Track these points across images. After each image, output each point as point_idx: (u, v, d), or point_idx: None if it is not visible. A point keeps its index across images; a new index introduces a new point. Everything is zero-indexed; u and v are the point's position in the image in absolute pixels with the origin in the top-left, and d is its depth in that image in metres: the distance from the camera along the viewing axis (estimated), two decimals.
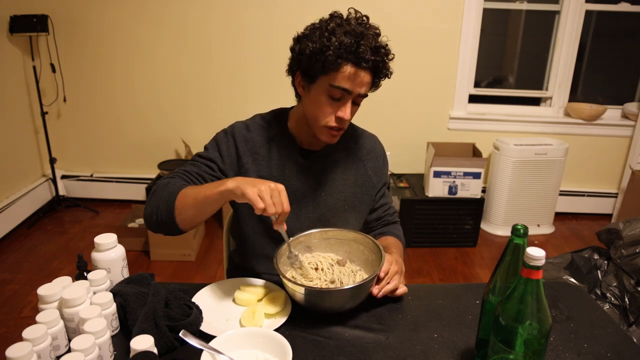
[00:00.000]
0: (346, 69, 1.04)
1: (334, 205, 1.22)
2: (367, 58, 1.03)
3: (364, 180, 1.26)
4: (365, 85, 1.08)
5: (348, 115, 1.09)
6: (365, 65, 1.04)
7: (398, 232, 1.35)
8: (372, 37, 1.05)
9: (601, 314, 1.04)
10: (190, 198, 1.01)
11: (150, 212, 1.07)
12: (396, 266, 1.06)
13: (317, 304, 0.98)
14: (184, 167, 1.17)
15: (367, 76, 1.07)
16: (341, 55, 1.02)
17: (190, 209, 1.02)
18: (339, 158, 1.24)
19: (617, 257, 1.93)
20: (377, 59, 1.05)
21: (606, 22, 3.19)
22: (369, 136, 1.31)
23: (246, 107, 3.14)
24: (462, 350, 0.91)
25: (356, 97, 1.09)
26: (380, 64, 1.07)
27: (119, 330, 0.94)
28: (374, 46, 1.04)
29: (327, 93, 1.07)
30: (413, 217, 2.84)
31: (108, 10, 2.95)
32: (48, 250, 2.74)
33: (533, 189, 2.98)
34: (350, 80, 1.05)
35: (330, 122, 1.10)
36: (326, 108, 1.09)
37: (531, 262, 0.70)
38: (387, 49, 1.09)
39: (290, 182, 1.19)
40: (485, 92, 3.21)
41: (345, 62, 1.04)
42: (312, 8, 2.88)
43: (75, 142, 3.27)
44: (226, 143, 1.18)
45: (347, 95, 1.07)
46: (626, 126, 3.13)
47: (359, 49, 1.02)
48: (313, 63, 1.06)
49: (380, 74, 1.10)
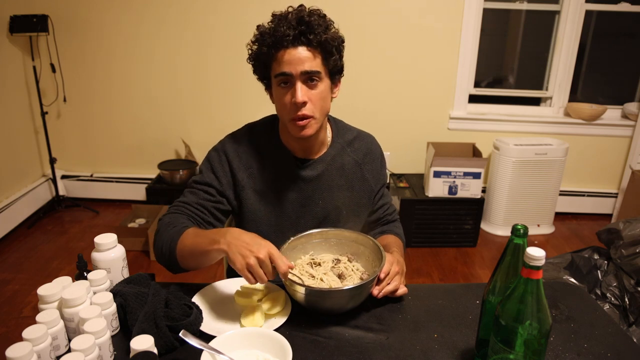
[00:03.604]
0: (279, 56, 1.04)
1: (332, 213, 1.21)
2: (287, 33, 1.02)
3: (361, 184, 1.25)
4: (306, 61, 1.04)
5: (299, 98, 1.04)
6: (290, 41, 1.02)
7: (398, 230, 1.35)
8: (294, 14, 1.04)
9: (601, 314, 1.04)
10: (188, 250, 1.03)
11: (157, 254, 1.10)
12: (397, 267, 1.05)
13: (317, 304, 0.98)
14: (183, 197, 1.16)
15: (302, 51, 1.04)
16: (266, 44, 1.04)
17: (191, 260, 1.04)
18: (335, 164, 1.21)
19: (617, 257, 1.93)
20: (302, 28, 1.02)
21: (606, 22, 3.19)
22: (364, 138, 1.28)
23: (246, 106, 3.14)
24: (462, 350, 0.91)
25: (304, 76, 1.05)
26: (310, 35, 1.03)
27: (119, 330, 0.94)
28: (295, 20, 1.03)
29: (277, 85, 1.08)
30: (413, 217, 2.84)
31: (108, 10, 2.95)
32: (48, 250, 2.74)
33: (533, 189, 2.98)
34: (285, 63, 1.04)
35: (292, 112, 1.08)
36: (283, 99, 1.08)
37: (531, 262, 0.70)
38: (315, 16, 1.05)
39: (287, 193, 1.18)
40: (485, 92, 3.21)
41: (275, 49, 1.04)
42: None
43: (75, 142, 3.27)
44: (219, 162, 1.17)
45: (291, 78, 1.05)
46: (626, 126, 3.13)
47: (277, 30, 1.02)
48: (259, 68, 1.11)
49: (316, 43, 1.05)
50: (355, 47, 2.97)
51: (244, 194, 1.17)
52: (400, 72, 3.05)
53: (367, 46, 2.99)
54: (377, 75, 3.04)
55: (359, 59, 2.98)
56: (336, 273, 1.06)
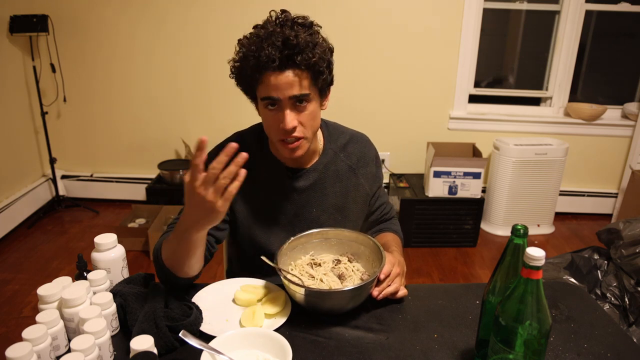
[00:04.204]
0: (265, 78, 0.98)
1: (327, 220, 1.19)
2: (272, 58, 0.95)
3: (356, 189, 1.22)
4: (295, 85, 0.98)
5: (288, 124, 1.00)
6: (277, 65, 0.96)
7: (396, 227, 1.34)
8: (278, 34, 0.95)
9: (601, 314, 1.04)
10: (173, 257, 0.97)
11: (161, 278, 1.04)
12: (398, 268, 1.04)
13: (317, 305, 0.98)
14: (177, 215, 1.11)
15: (289, 75, 0.97)
16: (251, 66, 0.97)
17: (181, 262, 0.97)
18: (328, 171, 1.18)
19: (617, 257, 1.93)
20: (286, 53, 0.95)
21: (606, 22, 3.19)
22: (357, 140, 1.24)
23: (246, 106, 3.13)
24: (462, 351, 0.91)
25: (292, 100, 1.00)
26: (297, 57, 0.96)
27: (119, 330, 0.94)
28: (281, 43, 0.95)
29: (264, 107, 1.03)
30: (413, 217, 2.84)
31: (108, 10, 2.95)
32: (48, 250, 2.74)
33: (533, 189, 2.98)
34: (273, 87, 0.98)
35: (280, 135, 1.03)
36: (272, 122, 1.04)
37: (531, 262, 0.70)
38: (301, 37, 0.96)
39: (280, 204, 1.16)
40: (485, 92, 3.21)
41: (259, 71, 0.97)
42: (310, 8, 2.88)
43: (75, 142, 3.27)
44: None
45: (280, 103, 1.00)
46: (626, 126, 3.13)
47: (261, 53, 0.95)
48: (243, 84, 1.05)
49: (304, 67, 0.98)
50: (355, 48, 2.97)
51: (236, 205, 1.15)
52: (400, 72, 3.05)
53: (366, 46, 2.99)
54: (377, 75, 3.03)
55: (359, 60, 2.98)
56: (336, 274, 1.06)
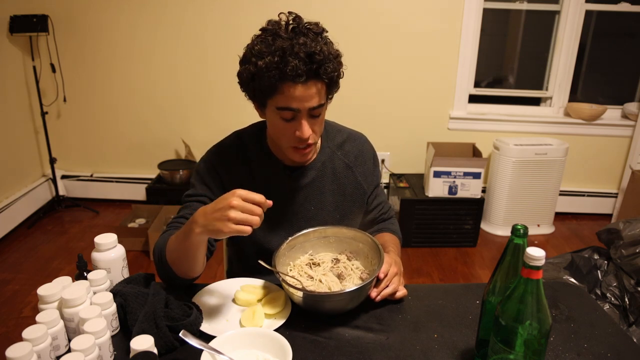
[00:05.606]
0: (286, 89, 0.97)
1: (325, 218, 1.20)
2: (299, 72, 0.94)
3: (354, 187, 1.23)
4: (315, 97, 0.99)
5: (306, 134, 1.01)
6: (302, 79, 0.95)
7: (394, 227, 1.34)
8: (301, 45, 0.95)
9: (601, 314, 1.04)
10: (175, 254, 0.98)
11: (161, 277, 1.05)
12: (395, 267, 1.05)
13: (316, 307, 0.98)
14: (178, 213, 1.13)
15: (312, 87, 0.98)
16: (273, 77, 0.95)
17: (184, 262, 0.98)
18: (326, 170, 1.20)
19: (617, 257, 1.93)
20: (312, 67, 0.96)
21: (606, 22, 3.19)
22: (355, 139, 1.26)
23: (246, 106, 3.13)
24: (462, 350, 0.91)
25: (310, 111, 1.01)
26: (321, 70, 0.97)
27: (119, 330, 0.94)
28: (305, 55, 0.95)
29: (279, 115, 1.02)
30: (413, 217, 2.84)
31: (108, 11, 2.95)
32: (48, 250, 2.74)
33: (533, 189, 2.98)
34: (294, 99, 0.98)
35: (293, 142, 1.05)
36: (284, 130, 1.04)
37: (531, 262, 0.70)
38: (324, 50, 0.97)
39: (278, 202, 1.14)
40: (485, 92, 3.21)
41: (281, 82, 0.96)
42: (310, 8, 2.88)
43: (75, 142, 3.27)
44: (209, 173, 1.15)
45: (298, 114, 1.01)
46: (626, 126, 3.13)
47: (287, 66, 0.93)
48: (253, 90, 1.02)
49: (327, 79, 1.00)
50: (356, 48, 2.97)
51: None
52: (400, 72, 3.05)
53: (367, 46, 2.99)
54: (377, 75, 3.03)
55: (359, 60, 2.98)
56: (335, 273, 1.06)
